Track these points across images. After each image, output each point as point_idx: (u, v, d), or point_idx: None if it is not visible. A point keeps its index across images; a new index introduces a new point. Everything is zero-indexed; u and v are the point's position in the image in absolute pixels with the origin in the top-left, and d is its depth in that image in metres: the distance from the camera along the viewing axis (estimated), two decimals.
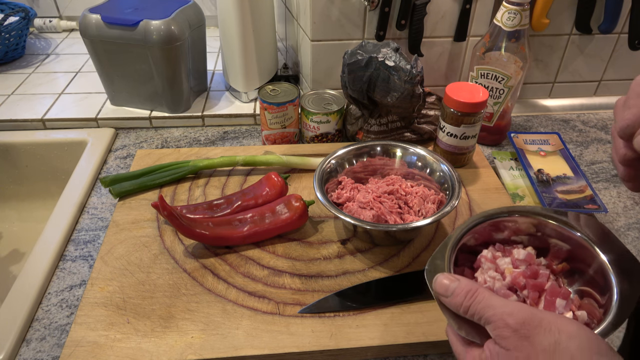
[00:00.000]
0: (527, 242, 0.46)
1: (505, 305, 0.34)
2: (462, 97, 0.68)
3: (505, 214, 0.45)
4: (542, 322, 0.32)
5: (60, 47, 1.12)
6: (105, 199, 0.71)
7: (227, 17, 0.81)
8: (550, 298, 0.39)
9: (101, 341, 0.50)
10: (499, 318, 0.33)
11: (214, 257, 0.60)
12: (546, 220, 0.44)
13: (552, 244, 0.45)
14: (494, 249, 0.45)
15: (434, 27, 0.82)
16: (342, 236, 0.63)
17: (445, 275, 0.39)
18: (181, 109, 0.87)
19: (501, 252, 0.44)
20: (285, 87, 0.78)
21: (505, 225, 0.45)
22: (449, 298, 0.37)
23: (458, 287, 0.37)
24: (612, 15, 0.83)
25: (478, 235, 0.45)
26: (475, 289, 0.36)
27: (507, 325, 0.33)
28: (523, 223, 0.45)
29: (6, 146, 0.83)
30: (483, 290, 0.36)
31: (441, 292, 0.38)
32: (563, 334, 0.32)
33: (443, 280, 0.38)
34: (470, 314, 0.36)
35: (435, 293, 0.39)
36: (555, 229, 0.44)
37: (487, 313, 0.34)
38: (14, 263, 0.81)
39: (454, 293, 0.37)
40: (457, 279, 0.38)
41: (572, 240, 0.43)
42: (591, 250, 0.42)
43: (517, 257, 0.43)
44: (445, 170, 0.63)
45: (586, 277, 0.42)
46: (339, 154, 0.66)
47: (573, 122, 0.91)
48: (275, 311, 0.53)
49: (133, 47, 0.78)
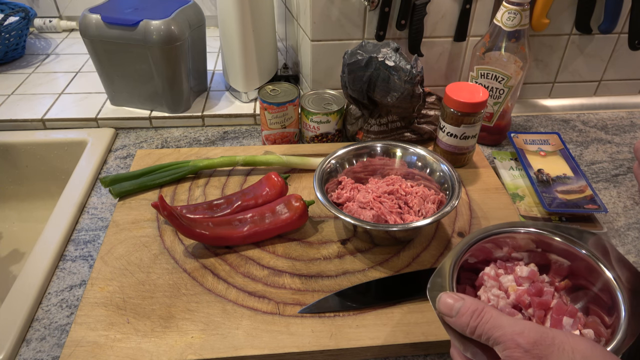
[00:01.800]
0: (527, 258, 0.45)
1: (515, 325, 0.33)
2: (462, 97, 0.68)
3: (504, 230, 0.44)
4: (555, 340, 0.31)
5: (60, 47, 1.12)
6: (105, 199, 0.71)
7: (227, 17, 0.81)
8: (556, 316, 0.38)
9: (101, 341, 0.50)
10: (509, 338, 0.32)
11: (214, 257, 0.60)
12: (546, 235, 0.43)
13: (553, 260, 0.44)
14: (496, 266, 0.44)
15: (434, 27, 0.82)
16: (342, 236, 0.63)
17: (449, 295, 0.37)
18: (181, 109, 0.87)
19: (503, 269, 0.43)
20: (285, 87, 0.78)
21: (505, 241, 0.44)
22: (454, 318, 0.36)
23: (463, 307, 0.35)
24: (612, 15, 0.83)
25: (478, 253, 0.44)
26: (481, 308, 0.35)
27: (518, 346, 0.32)
28: (522, 239, 0.44)
29: (6, 146, 0.83)
30: (490, 309, 0.35)
31: (446, 312, 0.36)
32: (577, 353, 0.31)
33: (447, 300, 0.36)
34: (478, 334, 0.34)
35: (439, 313, 0.37)
36: (555, 245, 0.43)
37: (495, 333, 0.33)
38: (14, 263, 0.81)
39: (460, 313, 0.35)
40: (462, 298, 0.36)
41: (573, 255, 0.42)
42: (595, 267, 0.41)
43: (520, 274, 0.42)
44: (445, 170, 0.63)
45: (590, 294, 0.42)
46: (339, 154, 0.66)
47: (573, 122, 0.91)
48: (275, 311, 0.53)
49: (133, 47, 0.78)
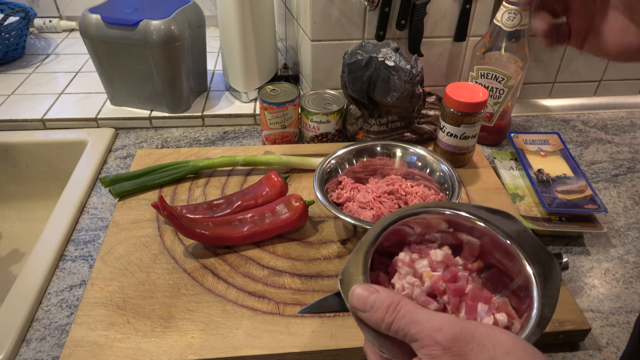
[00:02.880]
0: (440, 239, 0.43)
1: (433, 320, 0.30)
2: (462, 97, 0.68)
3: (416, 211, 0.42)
4: (475, 336, 0.30)
5: (60, 47, 1.12)
6: (105, 199, 0.71)
7: (227, 17, 0.81)
8: (471, 303, 0.37)
9: (101, 341, 0.50)
10: (427, 335, 0.30)
11: (214, 257, 0.60)
12: (456, 214, 0.42)
13: (465, 240, 0.42)
14: (410, 250, 0.42)
15: (434, 27, 0.82)
16: (342, 236, 0.63)
17: (362, 286, 0.34)
18: (181, 109, 0.87)
19: (417, 253, 0.42)
20: (285, 87, 0.78)
21: (418, 223, 0.42)
22: (368, 313, 0.33)
23: (378, 300, 0.32)
24: None
25: (392, 236, 0.42)
26: (397, 302, 0.32)
27: (436, 343, 0.29)
28: (434, 219, 0.42)
29: (6, 146, 0.83)
30: (407, 302, 0.32)
31: (359, 306, 0.33)
32: (498, 349, 0.29)
33: (361, 292, 0.33)
34: (394, 330, 0.32)
35: (351, 307, 0.34)
36: (465, 223, 0.42)
37: (412, 329, 0.31)
38: (14, 263, 0.81)
39: (374, 307, 0.32)
40: (377, 290, 0.33)
41: (482, 234, 0.41)
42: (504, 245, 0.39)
43: (435, 258, 0.40)
44: (445, 170, 0.63)
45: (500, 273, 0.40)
46: (339, 154, 0.66)
47: (573, 122, 0.91)
48: (275, 311, 0.53)
49: (133, 47, 0.78)
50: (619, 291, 0.59)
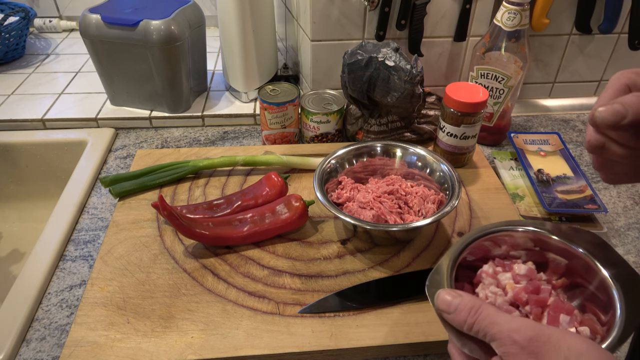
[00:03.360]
0: (525, 257, 0.45)
1: (511, 322, 0.33)
2: (462, 97, 0.68)
3: (502, 229, 0.44)
4: (551, 338, 0.32)
5: (60, 47, 1.12)
6: (105, 199, 0.71)
7: (227, 17, 0.81)
8: (553, 314, 0.38)
9: (101, 341, 0.50)
10: (506, 335, 0.32)
11: (214, 257, 0.60)
12: (544, 234, 0.43)
13: (551, 258, 0.44)
14: (494, 264, 0.44)
15: (434, 27, 0.82)
16: (342, 236, 0.63)
17: (447, 291, 0.37)
18: (181, 109, 0.87)
19: (501, 267, 0.43)
20: (285, 87, 0.78)
21: (503, 239, 0.44)
22: (452, 315, 0.36)
23: (461, 303, 0.36)
24: (612, 15, 0.83)
25: (476, 251, 0.44)
26: (479, 305, 0.35)
27: (514, 342, 0.32)
28: (520, 237, 0.44)
29: (6, 146, 0.83)
30: (487, 306, 0.35)
31: (444, 308, 0.37)
32: (572, 351, 0.31)
33: (445, 296, 0.37)
34: (475, 330, 0.34)
35: (437, 310, 0.37)
36: (553, 244, 0.43)
37: (492, 330, 0.33)
38: (14, 263, 0.81)
39: (457, 309, 0.36)
40: (460, 295, 0.36)
41: (570, 254, 0.42)
42: (591, 265, 0.41)
43: (518, 272, 0.42)
44: (445, 170, 0.63)
45: (586, 292, 0.42)
46: (339, 154, 0.66)
47: (573, 122, 0.91)
48: (275, 311, 0.53)
49: (133, 47, 0.78)
50: None
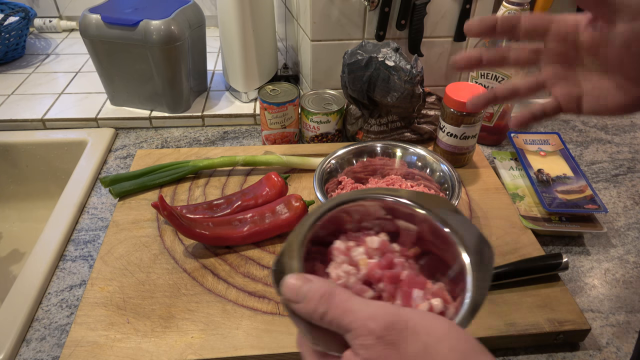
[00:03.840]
0: (378, 227, 0.42)
1: (366, 308, 0.29)
2: (462, 97, 0.68)
3: (353, 198, 0.41)
4: (408, 324, 0.28)
5: (60, 47, 1.12)
6: (105, 199, 0.71)
7: (227, 17, 0.81)
8: (407, 289, 0.36)
9: (101, 341, 0.50)
10: (361, 324, 0.28)
11: (214, 257, 0.60)
12: (393, 200, 0.41)
13: (402, 226, 0.41)
14: (346, 238, 0.41)
15: (434, 27, 0.82)
16: None
17: (295, 276, 0.32)
18: (181, 109, 0.87)
19: (353, 241, 0.40)
20: (285, 87, 0.78)
21: (355, 210, 0.41)
22: (301, 304, 0.31)
23: (311, 290, 0.30)
24: None
25: (328, 224, 0.40)
26: (331, 291, 0.30)
27: (370, 332, 0.28)
28: (372, 206, 0.41)
29: (6, 146, 0.83)
30: (341, 291, 0.31)
31: (291, 297, 0.31)
32: (432, 336, 0.28)
33: (293, 282, 0.31)
34: (327, 321, 0.30)
35: (283, 299, 0.32)
36: (403, 210, 0.41)
37: (346, 319, 0.29)
38: (14, 263, 0.81)
39: (307, 297, 0.30)
40: (310, 280, 0.31)
41: (419, 219, 0.40)
42: (439, 230, 0.39)
43: (371, 245, 0.39)
44: (445, 170, 0.63)
45: (436, 259, 0.40)
46: (339, 154, 0.66)
47: (573, 122, 0.91)
48: (275, 311, 0.53)
49: (133, 47, 0.78)
50: (619, 291, 0.59)
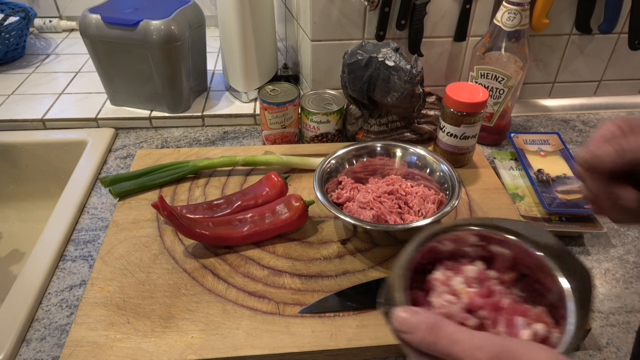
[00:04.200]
0: (473, 253, 0.45)
1: (473, 339, 0.32)
2: (462, 97, 0.68)
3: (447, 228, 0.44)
4: (515, 354, 0.31)
5: (60, 47, 1.12)
6: (105, 199, 0.71)
7: (227, 17, 0.81)
8: (509, 317, 0.38)
9: (101, 341, 0.50)
10: (469, 354, 0.31)
11: (214, 257, 0.60)
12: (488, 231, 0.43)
13: (497, 252, 0.44)
14: (444, 268, 0.44)
15: (434, 27, 0.82)
16: (342, 236, 0.63)
17: (404, 309, 0.35)
18: (181, 109, 0.87)
19: (451, 270, 0.43)
20: (285, 87, 0.78)
21: (449, 240, 0.44)
22: (411, 335, 0.34)
23: (420, 322, 0.34)
24: (612, 15, 0.83)
25: (424, 254, 0.43)
26: (438, 323, 0.33)
27: None
28: (465, 235, 0.44)
29: (6, 146, 0.83)
30: (446, 323, 0.33)
31: (402, 328, 0.35)
32: None
33: (402, 315, 0.35)
34: (436, 350, 0.33)
35: (394, 330, 0.35)
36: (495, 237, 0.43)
37: (454, 349, 0.32)
38: (14, 263, 0.81)
39: (416, 329, 0.34)
40: (417, 312, 0.35)
41: (513, 246, 0.42)
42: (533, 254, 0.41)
43: (469, 274, 0.42)
44: (445, 170, 0.63)
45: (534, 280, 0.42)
46: (339, 154, 0.66)
47: (573, 122, 0.91)
48: (275, 311, 0.53)
49: (133, 47, 0.78)
50: (619, 291, 0.59)
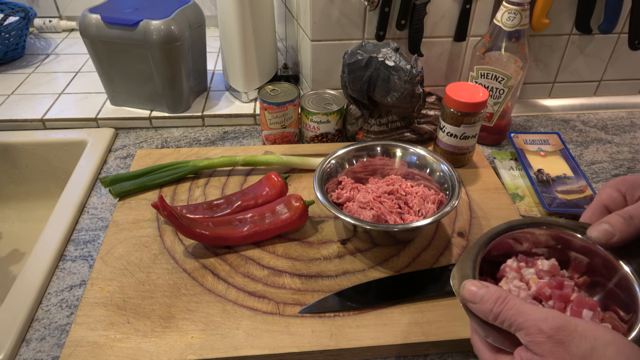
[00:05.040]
0: (547, 254, 0.45)
1: (538, 312, 0.33)
2: (462, 97, 0.68)
3: (525, 224, 0.44)
4: (577, 327, 0.32)
5: (60, 47, 1.12)
6: (105, 199, 0.71)
7: (227, 17, 0.81)
8: (577, 309, 0.39)
9: (101, 341, 0.50)
10: (532, 324, 0.33)
11: (214, 257, 0.60)
12: (566, 231, 0.43)
13: (572, 256, 0.44)
14: (517, 259, 0.44)
15: (434, 27, 0.82)
16: (342, 236, 0.63)
17: (472, 282, 0.38)
18: (181, 109, 0.87)
19: (524, 262, 0.44)
20: (285, 87, 0.78)
21: (525, 237, 0.45)
22: (478, 305, 0.36)
23: (487, 294, 0.36)
24: (612, 15, 0.83)
25: (499, 246, 0.44)
26: (505, 296, 0.35)
27: (540, 331, 0.32)
28: (542, 235, 0.44)
29: (6, 146, 0.83)
30: (513, 297, 0.35)
31: (470, 298, 0.37)
32: (599, 340, 0.31)
33: (471, 287, 0.37)
34: (500, 320, 0.35)
35: (462, 299, 0.38)
36: (575, 242, 0.43)
37: (518, 319, 0.34)
38: (14, 263, 0.81)
39: (483, 299, 0.36)
40: (486, 286, 0.37)
41: (592, 252, 0.42)
42: (614, 263, 0.41)
43: (542, 268, 0.42)
44: (445, 170, 0.63)
45: (607, 290, 0.42)
46: (339, 154, 0.66)
47: (573, 122, 0.91)
48: (275, 311, 0.53)
49: (133, 47, 0.78)
50: None
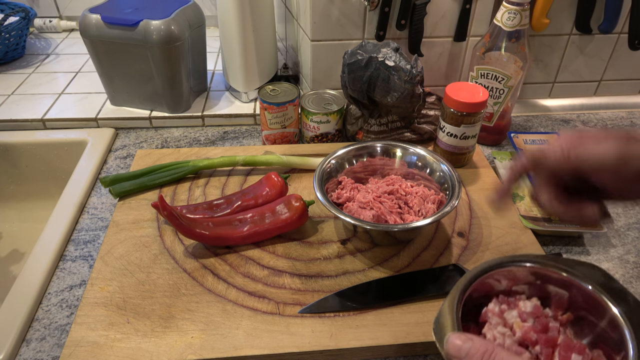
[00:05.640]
0: (527, 291, 0.44)
1: None
2: (462, 97, 0.68)
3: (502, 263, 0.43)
4: None
5: (60, 47, 1.12)
6: (105, 199, 0.71)
7: (227, 17, 0.81)
8: (564, 354, 0.38)
9: (101, 341, 0.50)
10: None
11: (214, 257, 0.60)
12: (543, 268, 0.43)
13: (553, 292, 0.43)
14: (499, 301, 0.43)
15: (434, 27, 0.82)
16: (342, 236, 0.63)
17: (456, 335, 0.36)
18: (181, 109, 0.87)
19: (506, 304, 0.43)
20: (285, 87, 0.78)
21: (504, 275, 0.44)
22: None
23: (472, 348, 0.34)
24: (612, 15, 0.83)
25: (478, 288, 0.43)
26: (491, 350, 0.34)
27: None
28: (521, 272, 0.44)
29: (6, 146, 0.83)
30: (499, 349, 0.34)
31: (455, 353, 0.35)
32: None
33: (455, 341, 0.36)
34: None
35: (447, 354, 0.36)
36: (553, 276, 0.43)
37: None
38: (14, 263, 0.81)
39: (469, 354, 0.34)
40: (471, 339, 0.35)
41: (570, 285, 0.42)
42: (596, 298, 0.40)
43: (524, 309, 0.41)
44: (445, 170, 0.63)
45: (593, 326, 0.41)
46: (339, 154, 0.66)
47: (573, 122, 0.91)
48: (275, 311, 0.53)
49: (133, 47, 0.78)
50: None
